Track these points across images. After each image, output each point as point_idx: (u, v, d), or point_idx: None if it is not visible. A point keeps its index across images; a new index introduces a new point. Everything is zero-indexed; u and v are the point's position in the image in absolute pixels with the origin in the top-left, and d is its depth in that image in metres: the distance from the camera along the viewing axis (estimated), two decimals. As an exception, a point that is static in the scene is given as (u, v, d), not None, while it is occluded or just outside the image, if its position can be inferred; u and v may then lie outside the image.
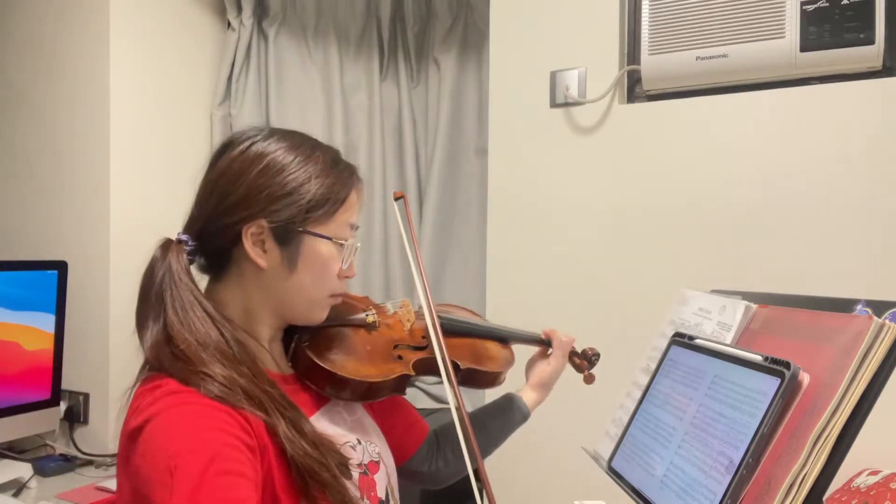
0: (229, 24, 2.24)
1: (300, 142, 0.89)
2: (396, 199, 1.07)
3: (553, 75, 1.76)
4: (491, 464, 1.80)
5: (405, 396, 1.07)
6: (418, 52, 2.32)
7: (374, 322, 1.00)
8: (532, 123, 1.78)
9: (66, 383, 1.94)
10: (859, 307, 0.71)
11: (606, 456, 0.97)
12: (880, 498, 1.21)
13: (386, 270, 2.32)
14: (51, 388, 1.89)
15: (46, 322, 1.87)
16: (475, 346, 1.12)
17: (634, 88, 1.71)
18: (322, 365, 0.88)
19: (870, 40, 1.41)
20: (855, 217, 1.45)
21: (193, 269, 0.88)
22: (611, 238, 1.69)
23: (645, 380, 0.97)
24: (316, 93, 2.27)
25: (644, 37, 1.61)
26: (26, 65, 2.08)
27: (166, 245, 0.86)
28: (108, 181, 1.93)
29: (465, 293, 2.21)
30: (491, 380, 1.10)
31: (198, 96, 2.20)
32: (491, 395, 1.33)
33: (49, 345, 1.88)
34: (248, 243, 0.84)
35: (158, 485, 0.68)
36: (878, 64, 1.44)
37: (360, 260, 2.28)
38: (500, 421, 1.16)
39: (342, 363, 0.90)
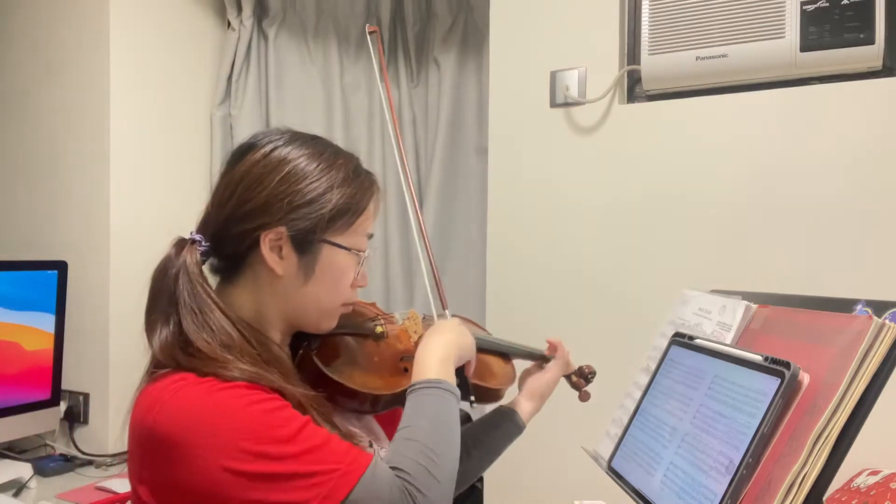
0: (229, 24, 2.24)
1: (323, 149, 0.88)
2: (370, 32, 1.03)
3: (553, 75, 1.76)
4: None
5: None
6: (418, 52, 2.32)
7: (383, 332, 0.99)
8: (532, 123, 1.78)
9: (66, 383, 1.94)
10: (859, 307, 0.71)
11: (606, 456, 0.97)
12: (880, 498, 1.21)
13: (385, 272, 2.32)
14: (51, 388, 1.89)
15: (46, 322, 1.87)
16: (479, 362, 1.09)
17: (634, 88, 1.71)
18: (330, 375, 0.88)
19: (870, 40, 1.41)
20: (855, 217, 1.45)
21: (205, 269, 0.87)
22: (611, 238, 1.69)
23: (645, 380, 0.97)
24: (316, 93, 2.27)
25: (644, 37, 1.61)
26: (26, 65, 2.08)
27: (181, 244, 0.85)
28: (108, 181, 1.93)
29: (465, 293, 2.21)
30: (492, 396, 1.09)
31: (198, 96, 2.20)
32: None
33: (49, 345, 1.88)
34: (265, 249, 0.83)
35: (243, 466, 0.69)
36: (878, 64, 1.44)
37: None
38: (495, 434, 1.15)
39: (350, 374, 0.90)
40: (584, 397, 1.22)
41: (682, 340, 0.92)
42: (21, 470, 1.78)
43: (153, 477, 0.75)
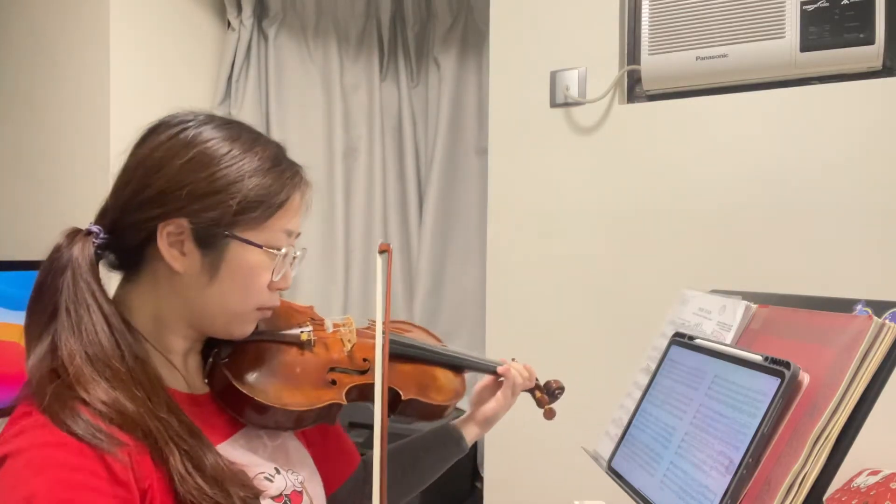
0: (229, 24, 2.24)
1: (238, 134, 0.78)
2: (381, 252, 0.90)
3: (553, 75, 1.76)
4: (491, 463, 1.81)
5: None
6: (418, 52, 2.32)
7: (309, 340, 0.88)
8: (532, 123, 1.78)
9: (66, 383, 1.94)
10: (859, 307, 0.71)
11: (606, 456, 0.97)
12: (880, 498, 1.21)
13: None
14: (51, 388, 1.89)
15: (46, 322, 1.87)
16: (423, 374, 1.00)
17: (634, 88, 1.71)
18: (239, 388, 0.78)
19: (870, 40, 1.41)
20: (855, 217, 1.45)
21: (102, 268, 0.78)
22: (611, 238, 1.69)
23: (645, 380, 0.97)
24: (316, 93, 2.28)
25: (644, 37, 1.61)
26: (26, 65, 2.08)
27: (72, 234, 0.76)
28: (109, 181, 1.93)
29: (465, 294, 2.21)
30: (436, 412, 0.98)
31: (198, 96, 2.20)
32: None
33: (49, 345, 1.87)
34: (163, 243, 0.74)
35: None
36: (878, 64, 1.44)
37: (358, 266, 2.28)
38: (435, 455, 1.05)
39: (263, 387, 0.79)
40: (549, 415, 1.11)
41: (682, 340, 0.92)
42: (21, 470, 1.77)
43: None
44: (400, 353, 0.99)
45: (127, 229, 0.76)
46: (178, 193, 0.73)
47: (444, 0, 2.22)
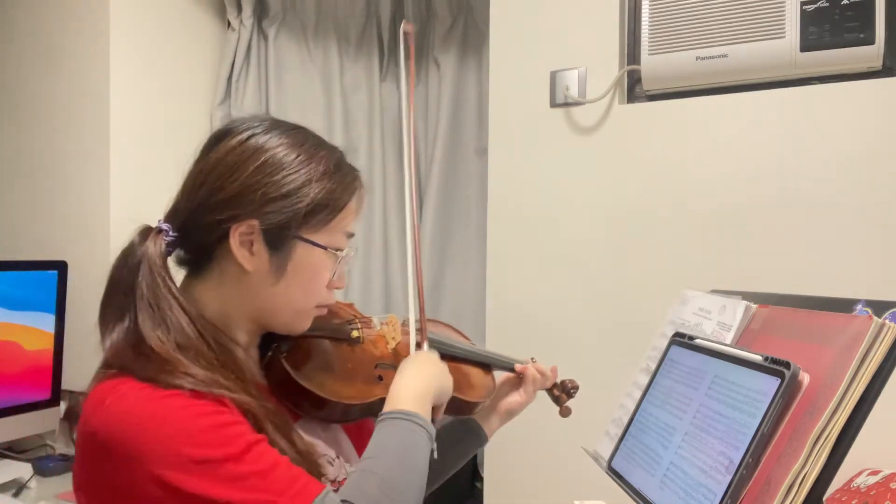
0: (229, 23, 2.24)
1: (303, 139, 0.82)
2: (405, 32, 0.92)
3: (553, 75, 1.76)
4: (491, 463, 1.81)
5: None
6: (418, 52, 2.32)
7: (359, 337, 0.93)
8: (532, 123, 1.78)
9: (66, 383, 1.94)
10: (859, 307, 0.71)
11: (606, 456, 0.97)
12: (880, 498, 1.21)
13: (385, 276, 2.31)
14: (51, 388, 1.89)
15: (46, 322, 1.87)
16: (458, 373, 1.04)
17: (634, 88, 1.71)
18: (299, 381, 0.82)
19: (870, 40, 1.41)
20: (855, 217, 1.45)
21: (171, 262, 0.82)
22: (610, 238, 1.69)
23: (645, 380, 0.97)
24: (316, 93, 2.27)
25: (644, 37, 1.61)
26: (26, 65, 2.08)
27: (145, 232, 0.80)
28: (108, 181, 1.93)
29: (465, 294, 2.21)
30: (470, 409, 1.04)
31: (198, 96, 2.20)
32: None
33: (49, 345, 1.88)
34: (234, 243, 0.77)
35: (178, 479, 0.64)
36: (878, 64, 1.44)
37: (358, 264, 2.27)
38: (458, 450, 1.10)
39: (321, 381, 0.84)
40: (565, 412, 1.18)
41: (682, 340, 0.92)
42: (21, 470, 1.78)
43: (91, 483, 0.71)
44: (437, 351, 1.02)
45: (199, 229, 0.79)
46: (251, 196, 0.77)
47: (444, 0, 2.22)
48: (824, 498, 0.63)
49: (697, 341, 0.89)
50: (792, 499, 0.63)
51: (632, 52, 1.71)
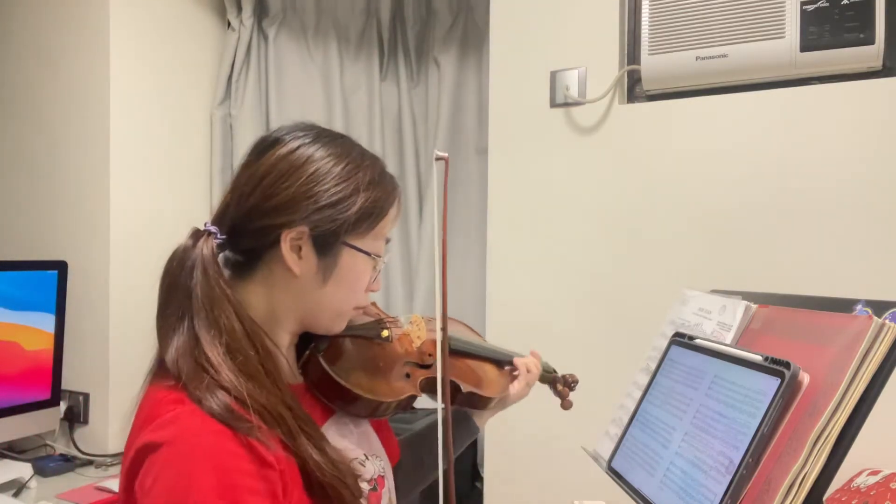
0: (229, 24, 2.24)
1: (349, 149, 0.86)
2: (437, 159, 0.97)
3: (553, 75, 1.76)
4: (491, 463, 1.81)
5: None
6: (418, 52, 2.32)
7: (389, 337, 0.97)
8: (532, 123, 1.78)
9: (66, 383, 1.94)
10: (859, 307, 0.71)
11: (606, 456, 0.97)
12: (880, 498, 1.21)
13: (385, 275, 2.32)
14: (51, 388, 1.89)
15: (46, 322, 1.87)
16: (477, 369, 1.10)
17: (634, 88, 1.71)
18: (337, 379, 0.86)
19: (870, 40, 1.41)
20: (855, 217, 1.45)
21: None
22: (610, 238, 1.69)
23: (645, 380, 0.97)
24: (316, 93, 2.27)
25: (644, 37, 1.61)
26: (26, 64, 2.08)
27: (197, 234, 0.82)
28: (108, 181, 1.93)
29: (465, 294, 2.21)
30: (486, 404, 1.08)
31: (198, 96, 2.20)
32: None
33: (49, 345, 1.88)
34: (285, 248, 0.80)
35: None
36: (878, 64, 1.44)
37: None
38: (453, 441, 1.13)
39: (357, 379, 0.88)
40: (567, 405, 1.22)
41: (682, 340, 0.92)
42: (21, 470, 1.78)
43: (136, 490, 0.72)
44: (456, 349, 1.08)
45: (249, 232, 0.82)
46: (303, 204, 0.80)
47: (444, 0, 2.22)
48: (824, 498, 0.63)
49: (697, 341, 0.89)
50: (792, 499, 0.63)
51: (632, 52, 1.71)
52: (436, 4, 2.24)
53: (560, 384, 1.23)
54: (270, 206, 0.80)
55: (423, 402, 0.99)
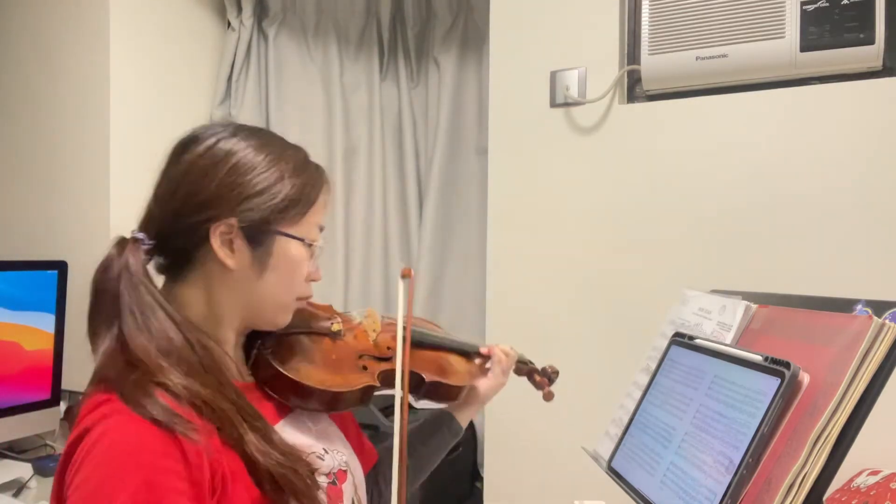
0: (229, 24, 2.24)
1: (269, 140, 0.86)
2: (403, 277, 0.96)
3: (553, 75, 1.76)
4: (491, 463, 1.81)
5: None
6: (418, 52, 2.32)
7: (339, 331, 0.97)
8: (532, 123, 1.78)
9: (66, 383, 1.94)
10: (859, 307, 0.71)
11: (606, 456, 0.97)
12: (880, 498, 1.21)
13: (385, 275, 2.32)
14: (51, 388, 1.89)
15: (46, 322, 1.87)
16: (440, 360, 1.09)
17: (634, 88, 1.71)
18: (286, 373, 0.85)
19: (870, 40, 1.41)
20: (855, 217, 1.45)
21: (150, 269, 0.84)
22: (611, 238, 1.69)
23: (645, 380, 0.97)
24: (316, 93, 2.27)
25: (644, 37, 1.61)
26: (26, 64, 2.08)
27: (122, 243, 0.81)
28: (108, 181, 1.93)
29: (465, 294, 2.21)
30: (454, 394, 1.07)
31: (198, 96, 2.20)
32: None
33: (49, 345, 1.88)
34: (216, 243, 0.80)
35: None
36: (878, 64, 1.44)
37: (358, 263, 2.28)
38: (432, 444, 1.10)
39: (307, 372, 0.87)
40: (548, 397, 1.22)
41: (681, 340, 0.92)
42: (21, 470, 1.78)
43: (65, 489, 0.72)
44: (417, 341, 1.07)
45: (177, 233, 0.82)
46: (228, 196, 0.80)
47: (444, 0, 2.22)
48: (824, 498, 0.63)
49: (697, 341, 0.89)
50: (792, 499, 0.63)
51: (632, 52, 1.71)
52: (436, 4, 2.24)
53: (538, 375, 1.23)
54: (196, 203, 0.80)
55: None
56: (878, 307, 0.68)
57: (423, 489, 1.12)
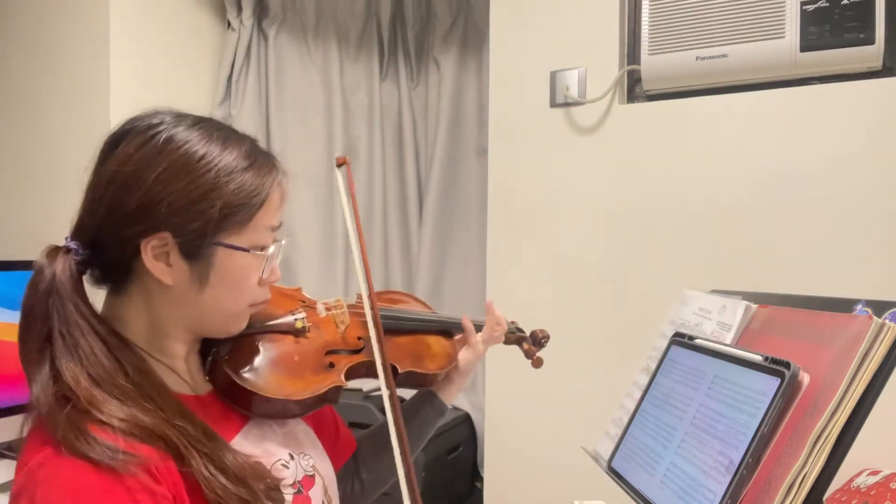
0: (229, 24, 2.24)
1: (209, 133, 0.76)
2: (339, 165, 0.90)
3: (553, 75, 1.76)
4: (491, 463, 1.81)
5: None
6: (418, 52, 2.32)
7: (304, 327, 0.89)
8: (532, 123, 1.78)
9: (66, 383, 1.94)
10: (859, 307, 0.71)
11: (606, 456, 0.97)
12: (880, 498, 1.21)
13: (385, 275, 2.32)
14: (51, 388, 1.89)
15: (46, 322, 1.87)
16: (417, 345, 1.02)
17: (634, 88, 1.71)
18: (242, 385, 0.78)
19: (870, 40, 1.41)
20: (855, 217, 1.45)
21: (87, 282, 0.76)
22: (611, 238, 1.69)
23: (645, 380, 0.97)
24: (316, 93, 2.28)
25: (644, 37, 1.61)
26: (26, 64, 2.08)
27: (52, 252, 0.73)
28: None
29: (465, 293, 2.21)
30: (430, 381, 1.01)
31: (198, 96, 2.20)
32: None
33: (49, 345, 1.87)
34: (148, 258, 0.71)
35: None
36: (878, 64, 1.44)
37: (347, 260, 2.28)
38: (415, 425, 1.03)
39: (265, 381, 0.80)
40: (537, 363, 1.18)
41: (682, 340, 0.92)
42: (21, 470, 1.77)
43: None
44: (390, 327, 0.99)
45: (108, 246, 0.73)
46: (157, 209, 0.70)
47: (444, 0, 2.22)
48: (824, 498, 0.63)
49: (697, 341, 0.89)
50: (792, 499, 0.63)
51: (632, 52, 1.71)
52: (436, 4, 2.24)
53: (527, 343, 1.20)
54: (122, 215, 0.71)
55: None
56: (878, 307, 0.68)
57: (423, 489, 1.10)
